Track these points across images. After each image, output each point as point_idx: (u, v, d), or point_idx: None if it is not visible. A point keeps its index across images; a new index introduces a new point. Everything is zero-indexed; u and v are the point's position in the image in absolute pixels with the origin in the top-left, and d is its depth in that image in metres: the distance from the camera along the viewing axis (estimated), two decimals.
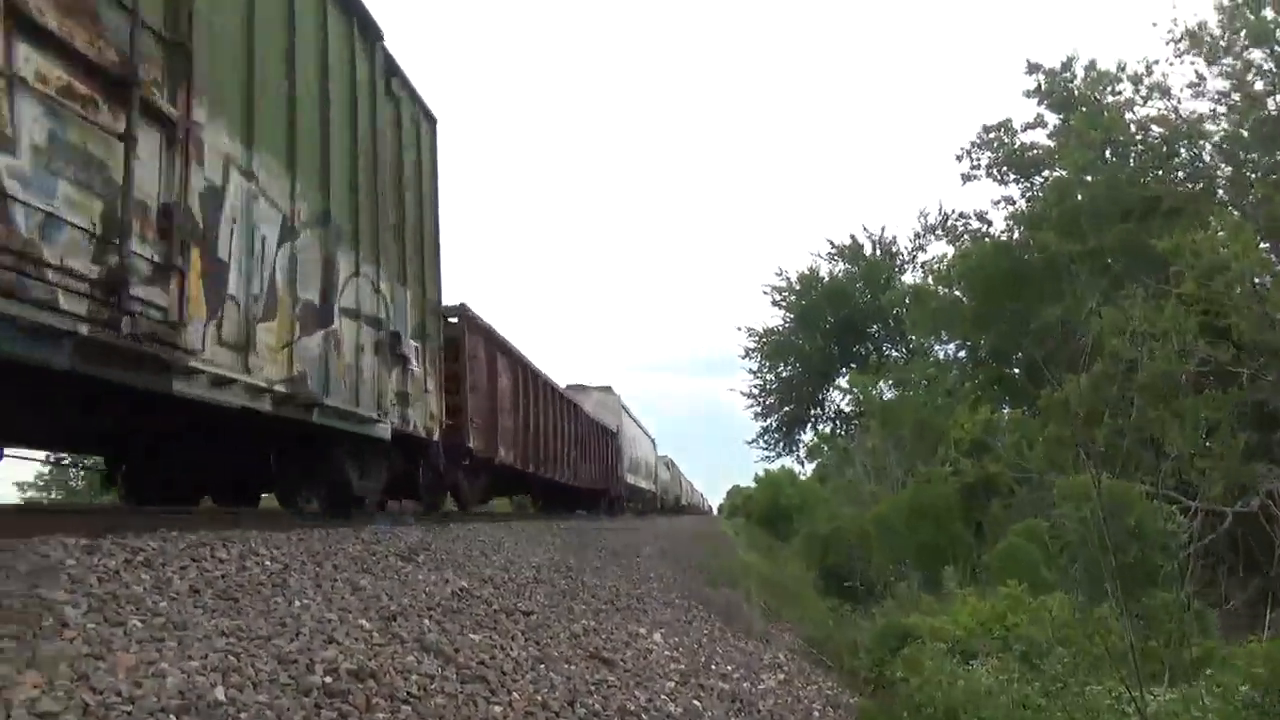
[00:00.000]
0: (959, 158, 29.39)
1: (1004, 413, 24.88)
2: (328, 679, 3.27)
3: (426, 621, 4.72)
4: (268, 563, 4.80)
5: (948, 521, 19.00)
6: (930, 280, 33.19)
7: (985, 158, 28.89)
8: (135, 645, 2.98)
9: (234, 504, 8.08)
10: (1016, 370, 28.19)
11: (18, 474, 27.89)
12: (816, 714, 7.12)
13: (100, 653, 2.82)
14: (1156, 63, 24.55)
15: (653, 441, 40.64)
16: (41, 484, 26.13)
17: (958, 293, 29.07)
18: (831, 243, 45.83)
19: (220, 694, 2.79)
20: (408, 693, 3.58)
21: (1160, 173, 23.55)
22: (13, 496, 25.88)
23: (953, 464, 21.22)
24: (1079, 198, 23.67)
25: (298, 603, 4.24)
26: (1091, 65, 26.14)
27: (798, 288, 45.73)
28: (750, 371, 47.98)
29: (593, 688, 4.97)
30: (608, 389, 30.19)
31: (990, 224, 30.68)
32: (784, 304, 46.18)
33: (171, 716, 2.55)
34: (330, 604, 4.40)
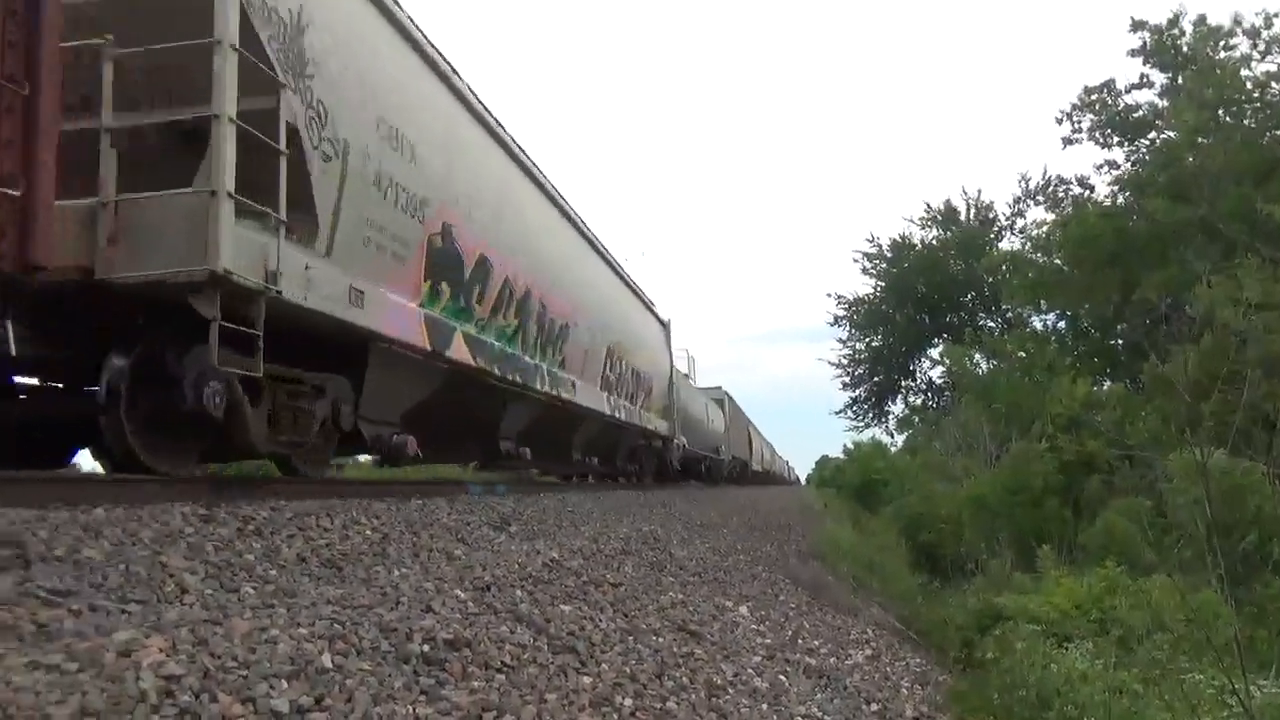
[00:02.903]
0: (1059, 120, 28.26)
1: (1106, 387, 24.01)
2: (426, 648, 3.40)
3: (519, 592, 4.85)
4: (368, 532, 4.99)
5: (1044, 499, 18.50)
6: (1029, 248, 32.11)
7: (1087, 120, 27.71)
8: (249, 612, 3.15)
9: None
10: (1119, 342, 27.12)
11: None
12: (904, 691, 7.07)
13: (217, 618, 2.99)
14: (1277, 15, 23.07)
15: (663, 326, 19.28)
16: None
17: (1058, 260, 28.06)
18: (927, 206, 44.70)
19: (327, 660, 2.93)
20: (501, 662, 3.70)
21: None
22: None
23: (1050, 440, 20.61)
24: (1189, 160, 22.50)
25: (397, 572, 4.41)
26: (1201, 20, 24.72)
27: (889, 255, 44.79)
28: (839, 340, 47.41)
29: (680, 660, 5.04)
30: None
31: (1093, 189, 29.45)
32: (875, 271, 45.33)
33: (283, 682, 2.69)
34: (427, 573, 4.56)
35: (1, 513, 3.22)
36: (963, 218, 43.85)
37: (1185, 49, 24.74)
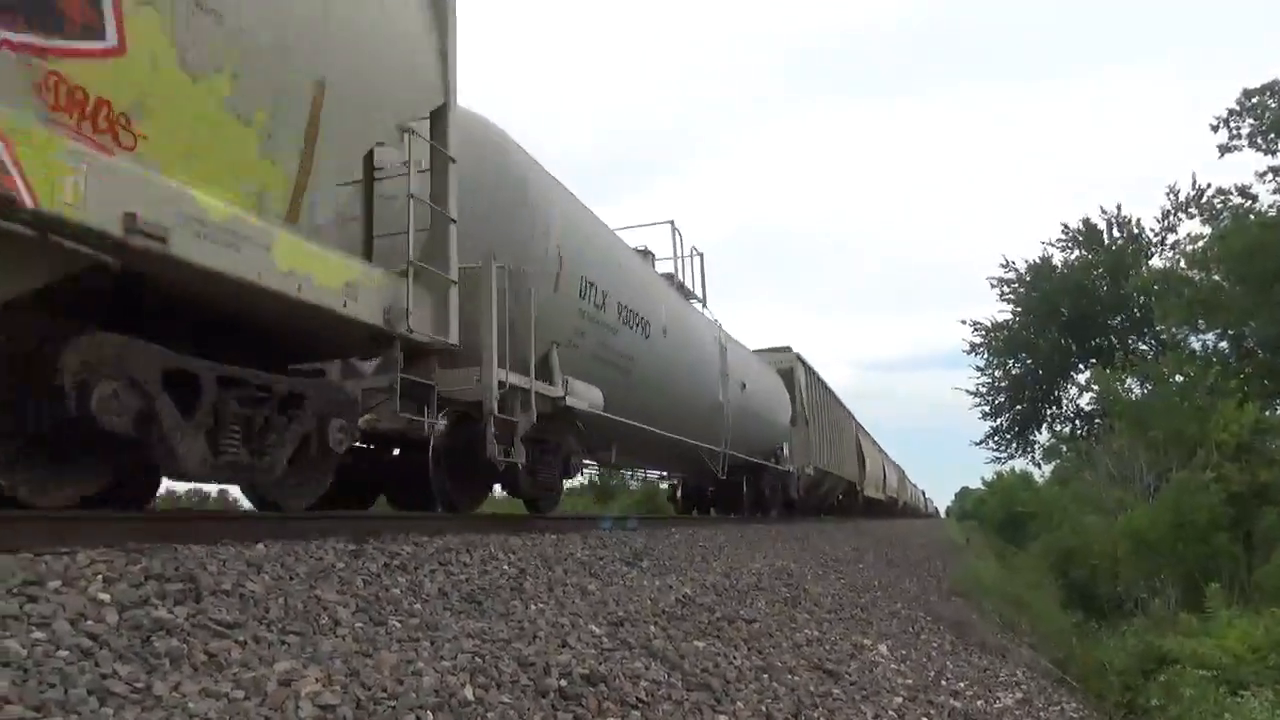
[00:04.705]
0: (1215, 127, 26.60)
1: (1278, 411, 22.23)
2: (563, 682, 3.46)
3: (652, 628, 4.87)
4: (505, 567, 5.13)
5: (1211, 533, 17.21)
6: (1183, 264, 30.24)
7: (1247, 125, 25.98)
8: (395, 644, 3.30)
9: None
10: None
11: None
12: None
13: (367, 650, 3.14)
14: None
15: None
16: None
17: (1217, 277, 26.29)
18: (1065, 227, 42.73)
19: (469, 693, 3.03)
20: (636, 698, 3.72)
21: None
22: None
23: (1216, 469, 19.19)
24: None
25: (533, 607, 4.51)
26: None
27: (1028, 278, 43.02)
28: (976, 368, 45.66)
29: (818, 700, 4.94)
30: None
31: (1255, 199, 27.48)
32: (1013, 296, 43.59)
33: (429, 714, 2.80)
34: (562, 608, 4.64)
35: (178, 549, 3.48)
36: (1105, 237, 41.70)
37: None
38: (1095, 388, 34.11)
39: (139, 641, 2.62)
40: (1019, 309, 43.54)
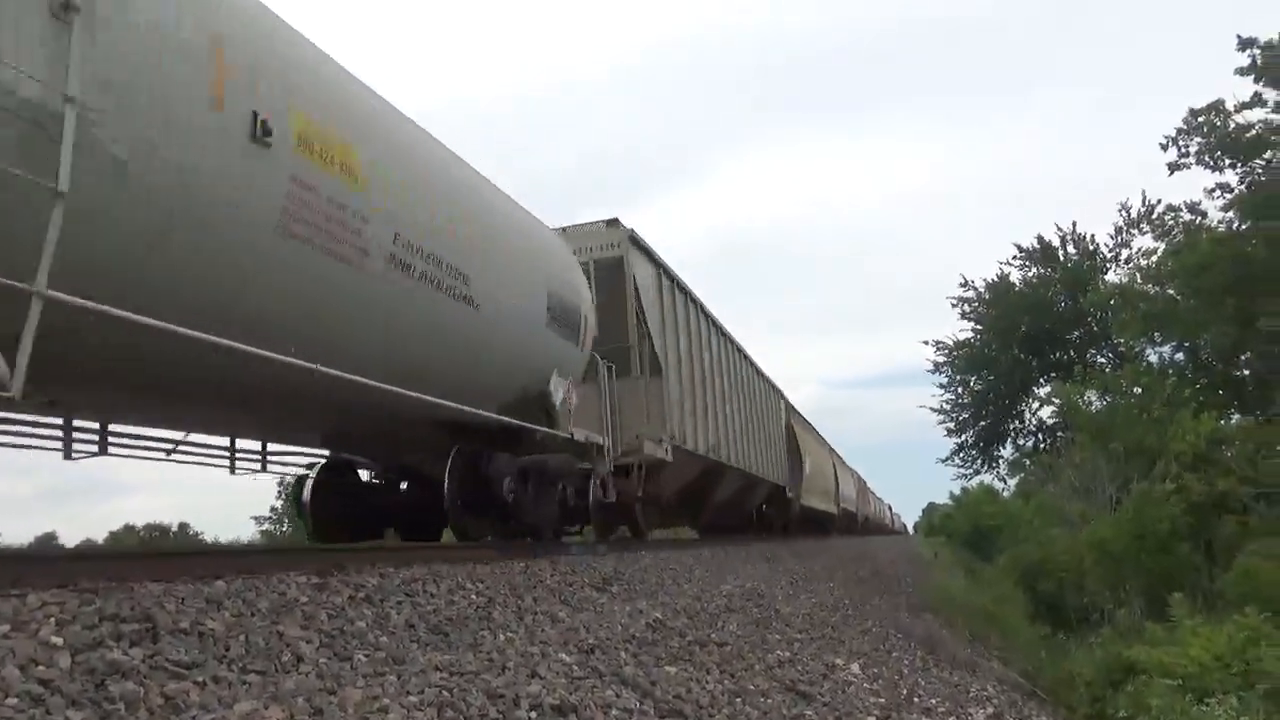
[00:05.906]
0: (1164, 146, 27.21)
1: (1233, 421, 22.69)
2: (533, 714, 3.41)
3: (623, 654, 4.83)
4: (474, 596, 5.05)
5: (1172, 543, 17.47)
6: (1139, 279, 30.88)
7: (1195, 143, 26.60)
8: (361, 680, 3.22)
9: None
10: (1245, 373, 25.68)
11: (256, 509, 31.14)
12: None
13: (331, 687, 3.06)
14: None
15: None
16: (275, 518, 28.81)
17: (1170, 291, 26.86)
18: (1019, 246, 43.50)
19: None
20: None
21: None
22: (250, 527, 28.96)
23: (1175, 479, 19.52)
24: None
25: (502, 636, 4.45)
26: None
27: (987, 296, 43.69)
28: (940, 386, 46.18)
29: None
30: None
31: (1204, 215, 28.13)
32: (973, 315, 44.23)
33: None
34: (532, 637, 4.58)
35: (134, 588, 3.38)
36: (1061, 254, 42.51)
37: None
38: (1056, 401, 34.61)
39: (93, 686, 2.53)
40: (979, 327, 44.16)
